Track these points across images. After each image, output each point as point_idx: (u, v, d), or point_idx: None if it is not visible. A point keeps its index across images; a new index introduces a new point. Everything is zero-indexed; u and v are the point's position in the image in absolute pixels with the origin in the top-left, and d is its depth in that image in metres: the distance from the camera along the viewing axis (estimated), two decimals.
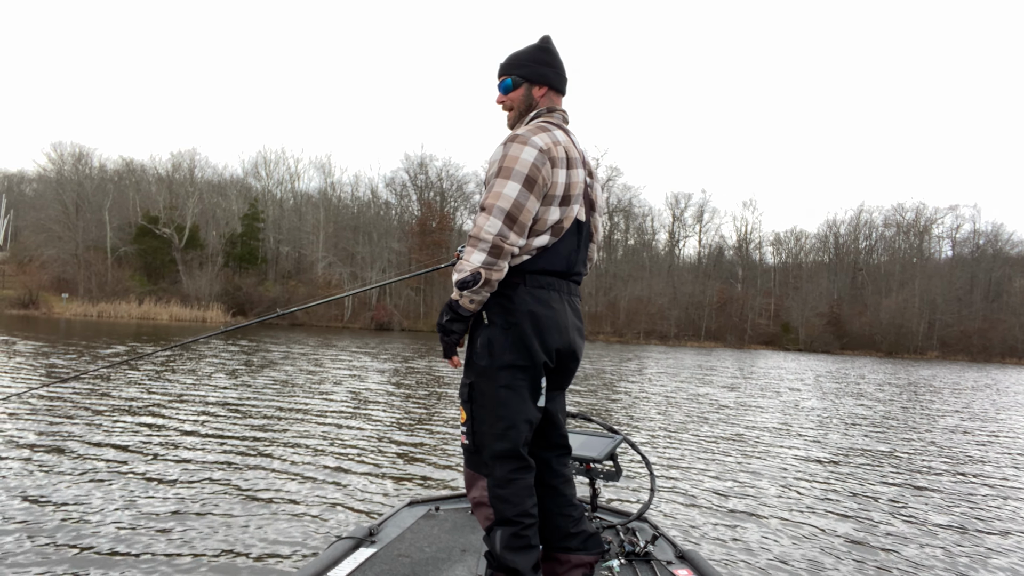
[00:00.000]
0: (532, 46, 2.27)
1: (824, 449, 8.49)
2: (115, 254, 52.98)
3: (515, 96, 2.25)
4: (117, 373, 12.00)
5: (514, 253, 2.05)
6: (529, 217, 2.04)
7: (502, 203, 2.00)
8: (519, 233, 2.03)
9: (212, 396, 9.83)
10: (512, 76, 2.24)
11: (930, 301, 62.41)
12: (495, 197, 2.01)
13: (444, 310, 2.12)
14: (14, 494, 4.57)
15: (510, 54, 2.28)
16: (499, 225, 1.99)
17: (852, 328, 62.60)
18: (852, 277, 70.68)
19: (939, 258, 69.94)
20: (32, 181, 64.10)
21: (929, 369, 37.31)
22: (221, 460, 5.92)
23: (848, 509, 5.59)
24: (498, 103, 2.29)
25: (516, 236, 2.02)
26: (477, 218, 2.04)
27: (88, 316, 41.31)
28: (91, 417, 7.59)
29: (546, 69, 2.24)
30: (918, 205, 75.48)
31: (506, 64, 2.27)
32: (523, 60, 2.24)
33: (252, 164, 69.13)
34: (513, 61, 2.25)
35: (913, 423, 11.85)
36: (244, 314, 48.79)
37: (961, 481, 7.03)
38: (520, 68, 2.23)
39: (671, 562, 2.60)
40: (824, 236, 73.57)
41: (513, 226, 2.01)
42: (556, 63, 2.27)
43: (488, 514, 2.10)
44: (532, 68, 2.23)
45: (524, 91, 2.24)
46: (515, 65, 2.25)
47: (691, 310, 63.07)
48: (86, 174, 56.20)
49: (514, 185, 2.01)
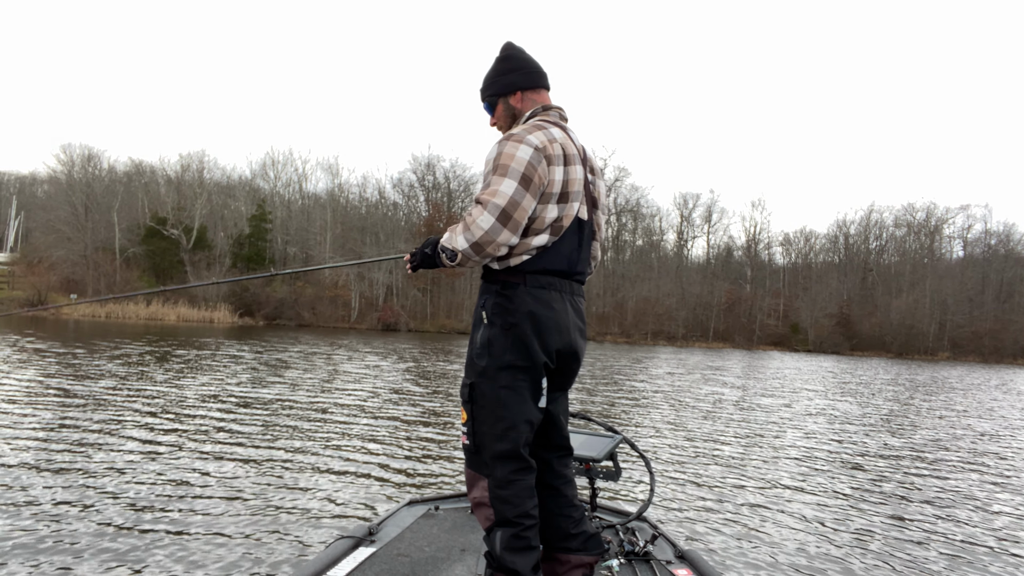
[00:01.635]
0: (494, 61, 2.32)
1: (826, 449, 8.43)
2: (123, 255, 53.31)
3: (498, 114, 2.31)
4: (115, 371, 12.07)
5: (502, 252, 2.05)
6: (524, 216, 2.03)
7: (498, 200, 1.99)
8: (512, 231, 2.02)
9: (212, 396, 9.86)
10: (487, 100, 2.32)
11: (941, 302, 61.91)
12: (491, 194, 2.01)
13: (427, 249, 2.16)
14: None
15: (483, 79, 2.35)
16: (492, 221, 1.99)
17: (862, 329, 62.19)
18: (862, 277, 70.22)
19: (950, 258, 69.40)
20: (44, 183, 64.64)
21: (940, 370, 37.01)
22: (221, 459, 5.94)
23: (849, 509, 5.56)
24: (491, 126, 2.35)
25: (508, 234, 2.01)
26: (473, 209, 2.04)
27: (96, 316, 41.58)
28: (91, 416, 7.63)
29: (511, 76, 2.27)
30: (929, 205, 74.92)
31: (480, 90, 2.34)
32: (489, 80, 2.31)
33: (260, 165, 69.59)
34: (484, 85, 2.33)
35: (918, 424, 11.76)
36: (251, 315, 49.00)
37: (965, 483, 6.96)
38: (489, 88, 2.30)
39: (671, 562, 2.58)
40: (834, 236, 73.18)
41: (507, 224, 2.00)
42: (521, 65, 2.28)
43: (488, 514, 2.10)
44: (498, 82, 2.28)
45: (502, 106, 2.29)
46: (486, 88, 2.32)
47: (699, 311, 62.83)
48: (95, 175, 56.59)
49: (511, 183, 2.00)
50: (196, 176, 61.51)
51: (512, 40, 2.33)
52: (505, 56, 2.28)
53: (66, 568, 3.45)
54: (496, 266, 2.12)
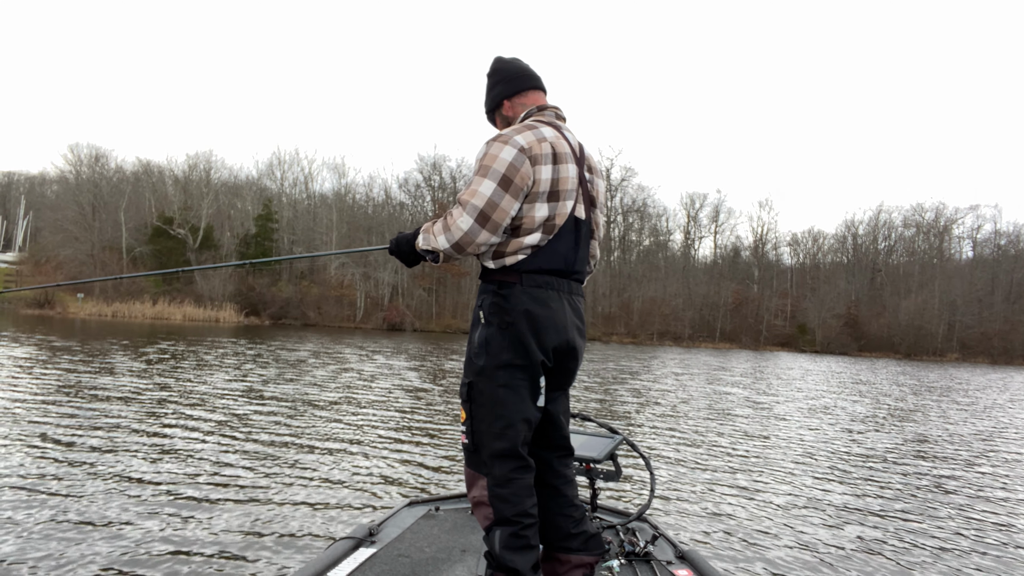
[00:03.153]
0: (486, 79, 2.40)
1: (828, 451, 8.39)
2: (130, 254, 53.62)
3: (499, 127, 2.40)
4: (117, 369, 12.13)
5: (483, 251, 2.11)
6: (504, 216, 2.05)
7: (476, 200, 2.03)
8: (492, 231, 2.05)
9: (213, 396, 9.88)
10: (488, 117, 2.43)
11: (950, 302, 61.52)
12: (471, 195, 2.04)
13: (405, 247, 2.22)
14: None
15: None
16: (470, 223, 2.03)
17: (870, 330, 61.89)
18: (871, 278, 69.89)
19: (959, 259, 69.03)
20: (53, 183, 65.10)
21: (949, 371, 36.79)
22: (221, 459, 5.94)
23: (850, 510, 5.53)
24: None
25: (487, 234, 2.05)
26: (453, 210, 2.08)
27: (103, 316, 41.84)
28: (91, 416, 7.66)
29: (496, 89, 2.34)
30: (938, 205, 74.66)
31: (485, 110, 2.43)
32: (486, 99, 2.40)
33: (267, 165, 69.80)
34: (484, 105, 2.42)
35: (922, 425, 11.69)
36: (257, 314, 49.19)
37: (970, 486, 6.90)
38: (485, 106, 2.41)
39: (671, 562, 2.58)
40: (842, 236, 72.94)
41: (485, 225, 2.03)
42: (504, 75, 2.34)
43: (488, 513, 2.10)
44: (488, 99, 2.38)
45: (499, 119, 2.39)
46: (485, 106, 2.41)
47: (706, 311, 62.67)
48: (102, 175, 56.93)
49: (489, 184, 2.03)
50: (203, 176, 61.81)
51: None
52: (490, 72, 2.36)
53: (66, 566, 3.45)
54: (492, 265, 2.13)
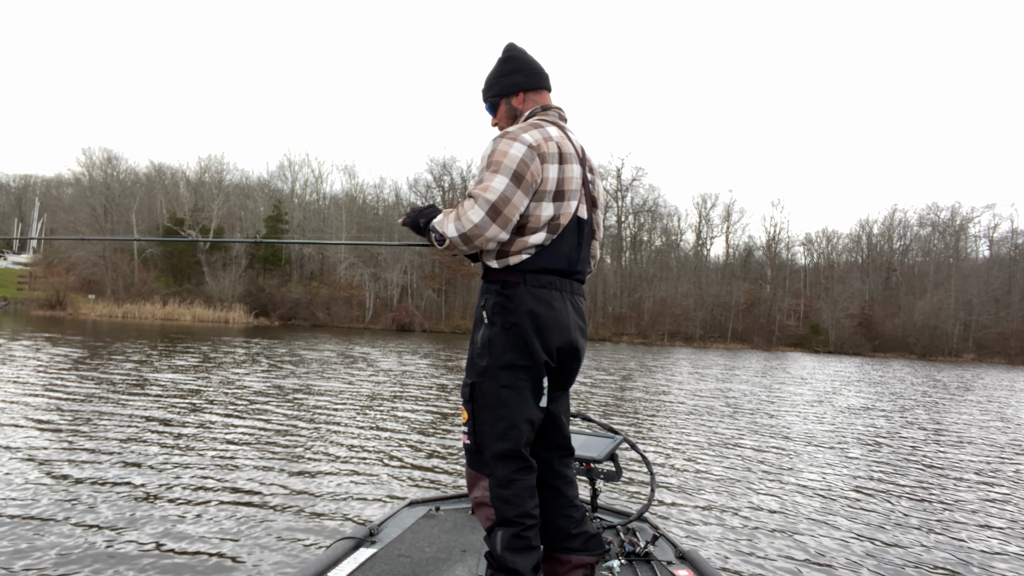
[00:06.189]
0: (496, 62, 2.33)
1: (828, 451, 8.33)
2: (141, 256, 54.06)
3: (500, 115, 2.33)
4: (125, 370, 12.22)
5: (491, 247, 2.07)
6: (515, 212, 2.03)
7: (489, 195, 2.01)
8: (502, 226, 2.03)
9: (214, 396, 9.90)
10: (489, 100, 2.34)
11: (966, 302, 60.77)
12: (483, 189, 2.02)
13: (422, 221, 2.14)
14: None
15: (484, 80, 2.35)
16: (481, 215, 2.00)
17: (884, 330, 61.23)
18: (885, 278, 69.23)
19: (976, 258, 68.21)
20: (68, 185, 65.84)
21: (965, 372, 36.38)
22: (221, 459, 5.96)
23: (850, 510, 5.51)
24: (493, 127, 2.37)
25: (497, 229, 2.02)
26: (464, 202, 2.04)
27: (113, 317, 42.25)
28: (91, 415, 7.71)
29: (513, 76, 2.29)
30: (954, 204, 73.90)
31: (482, 91, 2.35)
32: (491, 80, 2.32)
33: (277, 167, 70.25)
34: (485, 86, 2.34)
35: (928, 425, 11.56)
36: (267, 315, 49.43)
37: (975, 489, 6.81)
38: (492, 89, 2.32)
39: (671, 562, 2.57)
40: (857, 236, 72.31)
41: (496, 219, 2.01)
42: (523, 66, 2.30)
43: (489, 514, 2.10)
44: (500, 83, 2.30)
45: (504, 107, 2.31)
46: (487, 88, 2.34)
47: (717, 311, 62.30)
48: (114, 177, 57.49)
49: (502, 179, 2.02)
50: (215, 178, 62.29)
51: (523, 41, 2.36)
52: (508, 57, 2.30)
53: (66, 565, 3.46)
54: (496, 265, 2.12)
